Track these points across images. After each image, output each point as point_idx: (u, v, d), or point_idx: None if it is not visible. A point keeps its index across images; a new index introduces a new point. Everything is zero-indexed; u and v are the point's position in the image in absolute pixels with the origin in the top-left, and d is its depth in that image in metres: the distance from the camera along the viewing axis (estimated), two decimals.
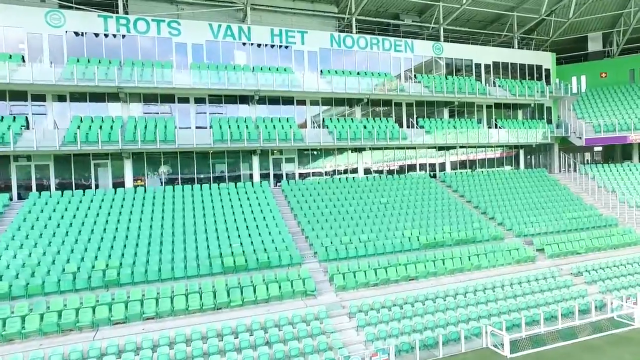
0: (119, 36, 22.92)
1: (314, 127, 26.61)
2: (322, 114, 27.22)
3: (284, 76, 24.51)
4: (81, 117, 21.92)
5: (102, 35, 22.63)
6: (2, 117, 20.71)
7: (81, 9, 22.70)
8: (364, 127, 26.29)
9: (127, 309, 14.51)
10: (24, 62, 20.92)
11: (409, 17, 32.06)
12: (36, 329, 13.23)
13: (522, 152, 33.37)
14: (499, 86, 30.99)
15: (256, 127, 24.15)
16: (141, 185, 23.22)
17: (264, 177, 25.65)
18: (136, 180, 23.30)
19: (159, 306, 14.80)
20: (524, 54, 33.42)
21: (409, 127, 29.02)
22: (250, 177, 25.32)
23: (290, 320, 15.01)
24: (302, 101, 26.57)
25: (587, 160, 38.75)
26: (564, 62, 37.20)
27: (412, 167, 29.74)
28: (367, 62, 28.27)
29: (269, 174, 25.80)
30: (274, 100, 25.81)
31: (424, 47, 29.79)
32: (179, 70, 23.11)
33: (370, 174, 28.36)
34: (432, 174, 29.91)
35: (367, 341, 14.55)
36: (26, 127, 20.89)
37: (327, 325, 14.88)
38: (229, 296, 15.63)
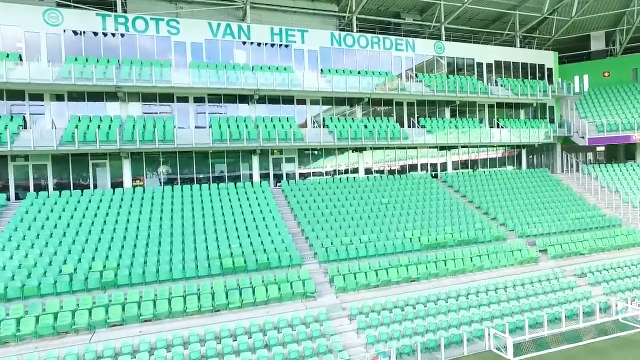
0: (117, 35, 22.72)
1: (314, 126, 26.39)
2: (322, 114, 26.99)
3: (284, 75, 24.29)
4: (79, 116, 21.72)
5: (100, 34, 22.42)
6: None
7: (79, 8, 22.49)
8: (365, 126, 26.06)
9: (124, 310, 14.30)
10: (21, 61, 20.72)
11: (410, 15, 31.82)
12: (31, 331, 13.03)
13: (524, 152, 33.11)
14: (500, 85, 30.73)
15: (256, 126, 23.93)
16: (140, 185, 23.02)
17: (264, 177, 25.43)
18: (135, 180, 23.09)
19: (156, 308, 14.58)
20: (526, 53, 33.15)
21: (410, 126, 28.77)
22: (250, 177, 25.11)
23: (289, 322, 14.79)
24: (302, 100, 26.35)
25: (590, 160, 38.48)
26: (566, 61, 36.93)
27: (413, 167, 29.50)
28: (367, 61, 28.03)
29: (269, 174, 25.59)
30: (273, 99, 25.58)
31: (425, 46, 29.55)
32: (178, 69, 22.86)
33: (371, 174, 28.12)
34: (433, 174, 29.66)
35: (368, 344, 14.32)
36: (24, 126, 20.72)
37: (327, 327, 14.65)
38: (228, 298, 15.42)
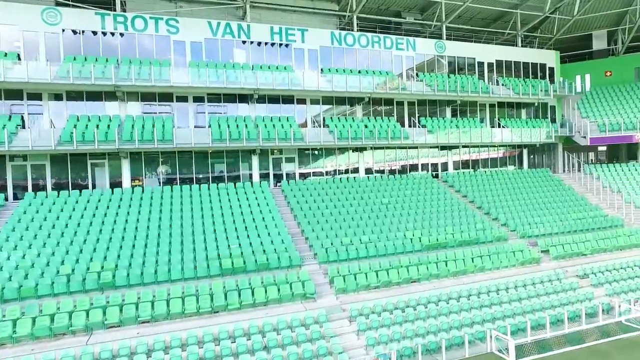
0: (116, 34, 22.58)
1: (315, 126, 26.24)
2: (322, 113, 26.83)
3: (284, 75, 24.14)
4: (78, 116, 21.60)
5: (99, 33, 22.29)
6: None
7: (78, 7, 22.35)
8: (365, 126, 25.90)
9: (122, 312, 14.15)
10: (19, 60, 20.58)
11: (411, 14, 31.65)
12: (28, 333, 12.88)
13: (525, 152, 32.93)
14: (502, 85, 30.57)
15: (255, 126, 23.79)
16: (139, 185, 22.88)
17: (264, 177, 25.28)
18: (134, 180, 22.95)
19: (154, 309, 14.43)
20: (527, 52, 32.97)
21: (410, 126, 28.61)
22: (249, 177, 24.96)
23: (289, 324, 14.63)
24: (302, 100, 26.19)
25: (591, 160, 38.29)
26: (568, 60, 36.75)
27: (414, 167, 29.33)
28: (368, 60, 27.88)
29: (269, 173, 25.44)
30: (273, 99, 25.43)
31: (426, 46, 29.38)
32: (177, 68, 22.72)
33: (371, 173, 27.96)
34: (434, 174, 29.48)
35: (368, 346, 14.16)
36: (22, 126, 20.59)
37: (327, 329, 14.50)
38: (227, 299, 15.26)
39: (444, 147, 29.81)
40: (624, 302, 17.46)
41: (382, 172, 28.45)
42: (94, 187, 22.19)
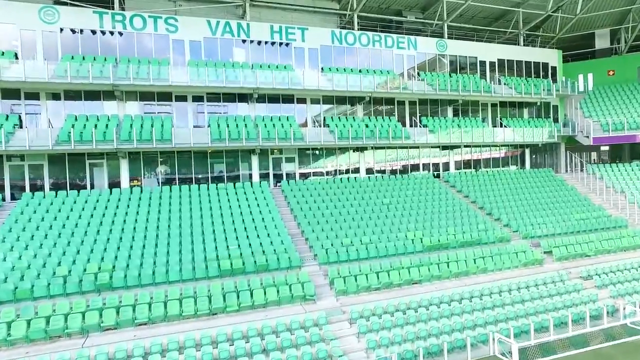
0: (115, 33, 22.38)
1: (315, 126, 26.01)
2: (323, 113, 26.60)
3: (284, 74, 23.92)
4: (76, 115, 21.40)
5: (98, 32, 22.10)
6: None
7: (76, 5, 22.15)
8: (366, 126, 25.66)
9: (119, 314, 13.95)
10: (16, 59, 20.39)
11: (412, 13, 31.40)
12: (22, 335, 12.68)
13: (527, 152, 32.66)
14: (504, 84, 30.30)
15: (255, 126, 23.57)
16: (137, 185, 22.67)
17: (264, 177, 25.06)
18: (132, 180, 22.76)
19: (151, 311, 14.22)
20: (529, 52, 32.68)
21: (412, 126, 28.36)
22: (249, 177, 24.74)
23: (288, 326, 14.40)
24: (302, 99, 25.97)
25: (594, 159, 37.98)
26: (570, 59, 36.43)
27: (415, 167, 29.08)
28: (369, 59, 27.64)
29: (269, 174, 25.21)
30: (273, 98, 25.21)
31: (427, 44, 29.13)
32: (176, 67, 22.51)
33: (372, 174, 27.71)
34: (435, 173, 29.22)
35: (369, 349, 13.92)
36: (19, 126, 20.40)
37: (327, 331, 14.27)
38: (225, 301, 15.04)
39: (445, 147, 29.55)
40: (629, 305, 17.20)
41: (383, 172, 28.21)
42: (92, 187, 21.99)
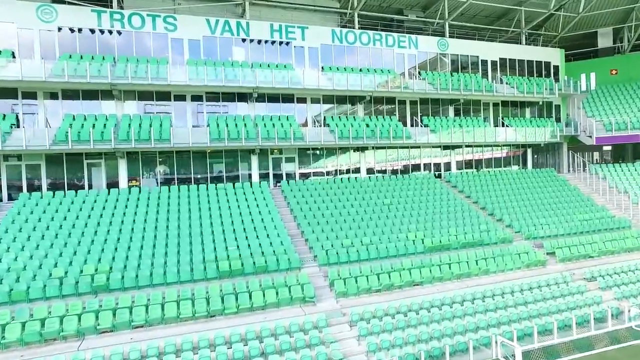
0: (113, 32, 22.17)
1: (315, 125, 25.78)
2: (323, 112, 26.36)
3: (284, 73, 23.69)
4: (73, 115, 21.19)
5: (96, 31, 21.89)
6: None
7: (74, 4, 21.95)
8: (367, 125, 25.42)
9: (115, 316, 13.72)
10: (14, 58, 20.20)
11: (413, 12, 31.13)
12: (17, 338, 12.47)
13: (529, 152, 32.39)
14: (506, 83, 30.03)
15: (255, 125, 23.35)
16: (136, 185, 22.46)
17: (264, 177, 24.84)
18: (131, 180, 22.55)
19: (149, 313, 14.00)
20: (531, 50, 32.41)
21: (413, 125, 28.12)
22: (249, 177, 24.52)
23: (287, 329, 14.17)
24: (302, 99, 25.74)
25: (596, 159, 37.69)
26: (572, 58, 36.15)
27: (416, 167, 28.84)
28: (369, 58, 27.40)
29: (269, 174, 24.99)
30: (273, 98, 24.98)
31: (428, 43, 28.88)
32: (175, 66, 22.27)
33: (373, 174, 27.47)
34: (437, 174, 28.97)
35: (369, 352, 13.70)
36: (17, 125, 20.21)
37: (327, 334, 14.03)
38: (223, 303, 14.81)
39: (446, 147, 29.30)
40: (634, 307, 16.93)
41: (384, 172, 27.97)
42: (90, 187, 21.80)
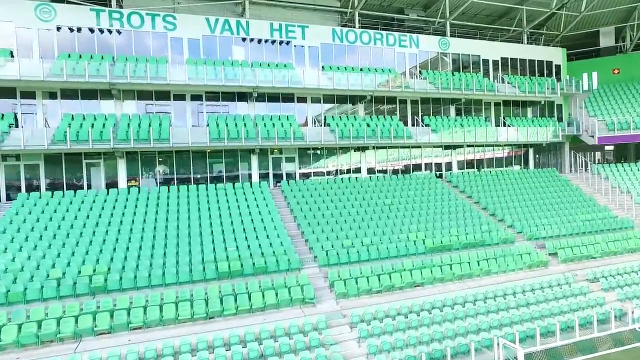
0: (112, 31, 22.04)
1: (315, 125, 25.62)
2: (324, 112, 26.21)
3: (284, 72, 23.55)
4: (72, 114, 21.07)
5: (95, 30, 21.77)
6: None
7: (73, 3, 21.82)
8: (367, 125, 25.27)
9: (113, 318, 13.58)
10: (12, 57, 20.08)
11: (414, 11, 30.97)
12: (13, 340, 12.33)
13: (531, 151, 32.20)
14: (507, 83, 29.87)
15: (255, 125, 23.21)
16: (135, 185, 22.34)
17: (264, 177, 24.69)
18: (130, 180, 22.42)
19: (147, 315, 13.86)
20: (533, 50, 32.23)
21: (414, 125, 27.95)
22: (249, 177, 24.38)
23: (287, 330, 14.02)
24: (302, 98, 25.59)
25: (598, 159, 37.49)
26: (574, 58, 35.92)
27: (417, 167, 28.67)
28: (370, 58, 27.25)
29: (269, 174, 24.84)
30: (273, 97, 24.84)
31: (429, 43, 28.71)
32: (174, 66, 22.15)
33: (373, 173, 27.32)
34: (438, 173, 28.80)
35: (370, 354, 13.54)
36: (15, 125, 20.09)
37: (327, 336, 13.88)
38: (222, 304, 14.65)
39: (448, 147, 29.13)
40: (638, 308, 16.75)
41: (384, 172, 27.81)
42: (90, 187, 21.67)
